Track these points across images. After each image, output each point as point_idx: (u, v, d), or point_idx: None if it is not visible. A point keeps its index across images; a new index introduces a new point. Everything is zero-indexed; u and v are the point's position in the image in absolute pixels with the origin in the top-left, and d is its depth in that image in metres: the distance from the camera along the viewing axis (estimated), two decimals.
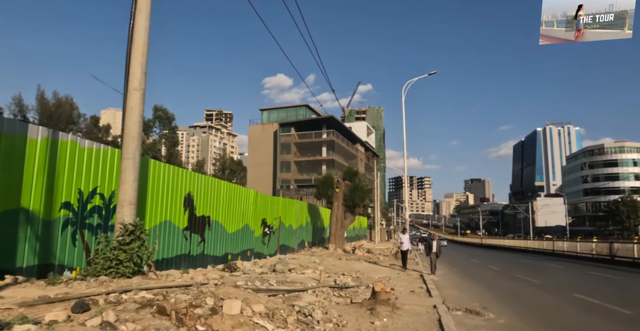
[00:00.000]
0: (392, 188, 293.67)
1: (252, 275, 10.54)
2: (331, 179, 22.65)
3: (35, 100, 58.02)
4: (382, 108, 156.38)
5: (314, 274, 12.13)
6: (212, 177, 12.66)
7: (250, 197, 15.41)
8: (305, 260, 15.97)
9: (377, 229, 46.86)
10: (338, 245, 22.27)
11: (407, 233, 17.34)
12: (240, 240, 14.53)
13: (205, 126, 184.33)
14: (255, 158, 65.77)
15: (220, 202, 13.12)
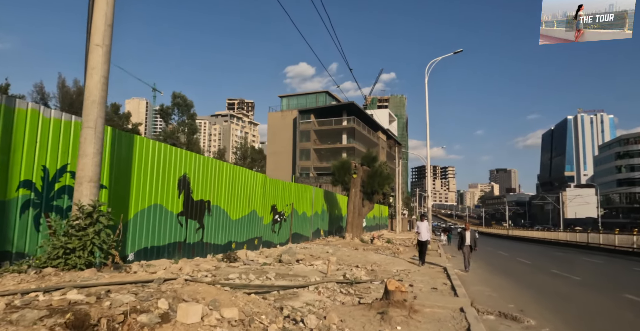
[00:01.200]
0: (415, 178, 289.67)
1: (252, 267, 9.37)
2: (348, 164, 21.25)
3: (56, 88, 58.50)
4: (405, 96, 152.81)
5: (324, 266, 10.89)
6: (212, 158, 11.50)
7: (257, 181, 14.23)
8: (317, 250, 14.76)
9: (399, 218, 45.31)
10: (355, 235, 20.98)
11: (425, 220, 14.57)
12: (247, 227, 13.40)
13: (227, 115, 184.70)
14: (274, 146, 64.84)
15: (223, 186, 11.97)
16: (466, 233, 13.22)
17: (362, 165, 21.41)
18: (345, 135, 59.70)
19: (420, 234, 13.92)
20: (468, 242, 13.09)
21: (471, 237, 13.17)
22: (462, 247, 13.29)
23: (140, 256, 8.69)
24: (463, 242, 13.23)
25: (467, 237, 13.12)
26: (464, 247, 13.16)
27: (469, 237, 13.13)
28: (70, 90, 60.03)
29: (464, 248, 13.16)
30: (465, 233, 13.27)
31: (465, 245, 13.11)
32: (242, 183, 13.09)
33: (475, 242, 13.44)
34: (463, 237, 13.24)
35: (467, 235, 13.16)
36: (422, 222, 14.27)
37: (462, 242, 13.26)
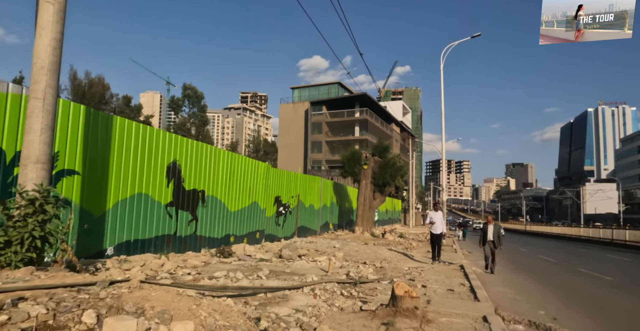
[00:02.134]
0: (430, 172, 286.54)
1: (246, 263, 8.44)
2: (359, 155, 20.16)
3: (67, 80, 58.44)
4: (419, 89, 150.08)
5: (327, 262, 9.92)
6: (207, 144, 10.57)
7: (259, 170, 13.29)
8: (323, 245, 13.80)
9: (412, 212, 44.12)
10: (365, 229, 19.96)
11: (440, 210, 12.78)
12: (247, 219, 12.49)
13: (240, 108, 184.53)
14: (285, 138, 63.93)
15: (220, 175, 11.05)
16: (489, 227, 11.59)
17: (373, 155, 20.30)
18: (357, 127, 58.45)
19: (434, 225, 12.28)
20: (490, 237, 11.45)
21: (494, 233, 11.45)
22: (484, 243, 11.61)
23: (122, 250, 7.82)
24: (485, 238, 11.57)
25: (490, 232, 11.51)
26: (487, 244, 11.51)
27: (491, 232, 11.50)
28: (82, 82, 60.01)
29: (487, 247, 11.54)
30: (487, 227, 11.62)
31: (488, 241, 11.47)
32: (241, 173, 12.16)
33: (500, 238, 11.52)
34: (485, 232, 11.62)
35: (489, 229, 11.53)
36: (437, 211, 12.54)
37: (484, 238, 11.60)
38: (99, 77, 60.70)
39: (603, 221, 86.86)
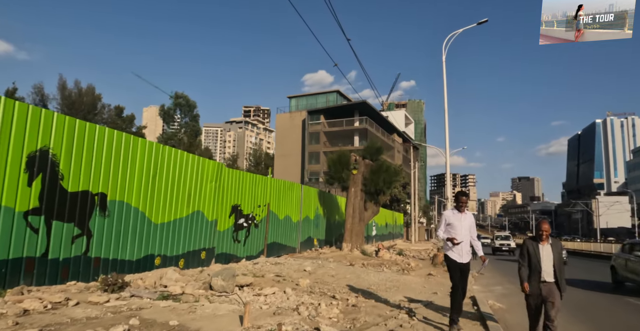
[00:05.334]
0: (434, 186, 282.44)
1: (128, 303, 5.29)
2: (347, 157, 17.07)
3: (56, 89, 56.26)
4: (423, 101, 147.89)
5: (286, 296, 6.76)
6: (110, 129, 7.55)
7: (206, 170, 10.23)
8: (291, 267, 10.62)
9: (415, 227, 40.71)
10: (355, 245, 16.73)
11: (466, 209, 5.91)
12: (184, 235, 9.37)
13: (242, 121, 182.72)
14: (282, 149, 61.10)
15: (136, 173, 8.00)
16: (541, 249, 5.01)
17: (364, 158, 17.21)
18: (357, 137, 55.56)
19: (454, 243, 5.60)
20: (548, 269, 4.93)
21: (555, 259, 4.96)
22: (532, 280, 4.99)
23: None
24: (534, 270, 4.99)
25: (545, 258, 4.96)
26: (539, 285, 4.94)
27: (548, 258, 4.96)
28: (71, 91, 57.84)
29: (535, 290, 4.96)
30: (539, 249, 5.01)
31: (543, 281, 4.93)
32: (175, 172, 9.10)
33: (562, 271, 4.99)
34: (534, 257, 5.01)
35: (543, 252, 4.98)
36: (461, 212, 5.83)
37: (532, 269, 5.01)
38: (89, 86, 58.54)
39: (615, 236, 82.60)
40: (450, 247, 5.74)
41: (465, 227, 5.75)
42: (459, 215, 5.80)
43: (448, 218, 5.85)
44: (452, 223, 5.77)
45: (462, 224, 5.74)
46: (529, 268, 5.06)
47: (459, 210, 5.85)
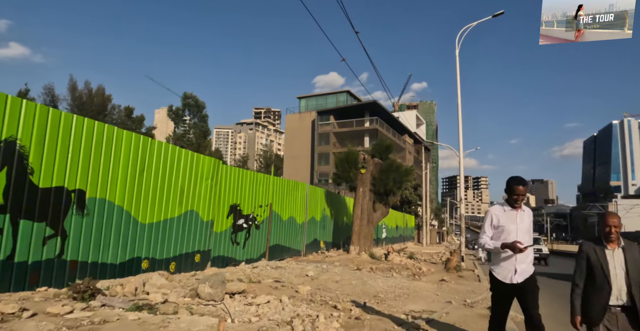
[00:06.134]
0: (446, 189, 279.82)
1: (91, 315, 4.57)
2: (355, 156, 16.25)
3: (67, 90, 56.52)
4: (434, 102, 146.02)
5: (271, 307, 6.00)
6: (90, 119, 6.88)
7: (202, 166, 9.53)
8: (293, 272, 9.85)
9: (426, 229, 39.67)
10: (363, 248, 15.90)
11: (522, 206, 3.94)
12: (175, 236, 8.66)
13: (252, 123, 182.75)
14: (291, 150, 60.49)
15: (120, 168, 7.32)
16: (609, 256, 3.34)
17: (373, 156, 16.37)
18: (367, 137, 54.62)
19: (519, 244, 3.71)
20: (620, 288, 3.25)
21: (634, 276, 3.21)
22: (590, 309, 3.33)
23: None
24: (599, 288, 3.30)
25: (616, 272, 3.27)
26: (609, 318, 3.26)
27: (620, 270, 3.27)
28: (81, 92, 58.05)
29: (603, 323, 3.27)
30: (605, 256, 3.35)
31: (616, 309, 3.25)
32: (166, 168, 8.41)
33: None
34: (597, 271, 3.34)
35: (610, 262, 3.31)
36: (516, 209, 3.93)
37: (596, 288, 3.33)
38: (99, 87, 58.71)
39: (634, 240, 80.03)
40: (499, 260, 3.85)
41: (524, 231, 3.86)
42: (512, 214, 3.88)
43: (496, 217, 3.93)
44: (504, 225, 3.85)
45: (519, 227, 3.83)
46: (590, 287, 3.28)
47: (512, 206, 3.89)
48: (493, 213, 3.98)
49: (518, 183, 3.88)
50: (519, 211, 3.93)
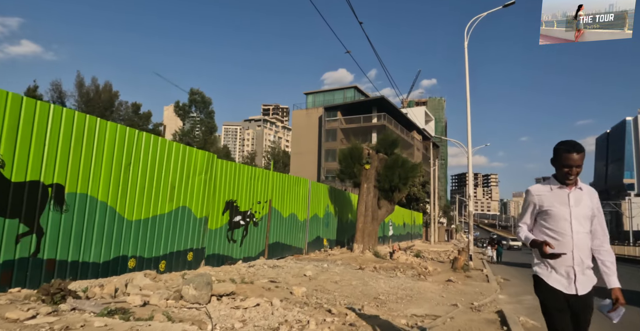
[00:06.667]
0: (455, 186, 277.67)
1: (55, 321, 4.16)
2: (359, 151, 15.74)
3: (74, 87, 56.67)
4: (444, 99, 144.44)
5: (260, 311, 5.55)
6: (68, 109, 6.47)
7: (195, 160, 9.10)
8: (290, 271, 9.40)
9: (434, 227, 39.02)
10: (367, 246, 15.40)
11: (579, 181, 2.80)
12: (165, 233, 8.25)
13: (260, 120, 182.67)
14: (298, 147, 60.00)
15: (104, 162, 6.90)
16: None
17: (378, 152, 15.84)
18: (375, 133, 53.86)
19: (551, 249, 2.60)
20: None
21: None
22: None
23: None
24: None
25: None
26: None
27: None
28: (88, 88, 58.19)
29: None
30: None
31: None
32: (156, 162, 7.98)
33: None
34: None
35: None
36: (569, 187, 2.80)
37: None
38: (107, 83, 58.82)
39: None
40: (543, 260, 2.77)
41: (581, 218, 2.73)
42: (562, 194, 2.77)
43: (538, 199, 2.84)
44: (550, 209, 2.76)
45: (574, 211, 2.72)
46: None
47: (563, 181, 2.77)
48: (533, 194, 2.89)
49: (571, 149, 2.67)
50: (572, 189, 2.77)
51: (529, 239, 2.79)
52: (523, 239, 2.89)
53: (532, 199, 2.91)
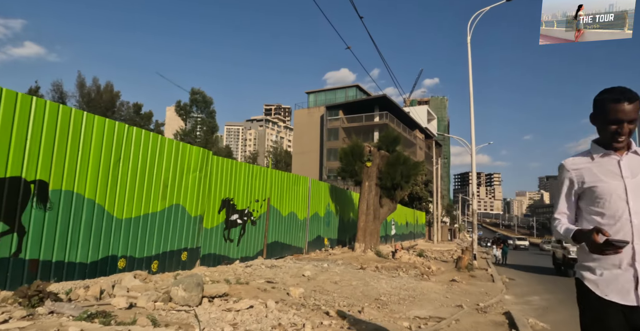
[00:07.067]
0: (458, 185, 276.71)
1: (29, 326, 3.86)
2: (360, 148, 15.40)
3: (75, 87, 56.53)
4: (446, 98, 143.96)
5: (253, 314, 5.22)
6: (51, 102, 6.19)
7: (190, 157, 8.79)
8: (289, 271, 9.08)
9: (437, 226, 38.61)
10: (369, 246, 15.06)
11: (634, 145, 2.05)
12: (158, 232, 7.93)
13: (262, 119, 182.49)
14: (300, 146, 59.72)
15: (90, 157, 6.60)
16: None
17: (379, 149, 15.49)
18: (377, 132, 53.47)
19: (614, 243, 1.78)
20: None
21: None
22: None
23: None
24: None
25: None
26: None
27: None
28: (90, 89, 58.05)
29: None
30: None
31: None
32: (147, 158, 7.67)
33: None
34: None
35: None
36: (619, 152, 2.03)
37: None
38: (107, 83, 58.68)
39: None
40: (593, 258, 1.99)
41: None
42: (611, 162, 2.04)
43: (578, 174, 2.11)
44: (596, 185, 2.03)
45: (630, 184, 1.95)
46: None
47: (610, 145, 2.04)
48: (569, 169, 2.14)
49: (620, 98, 1.94)
50: (624, 155, 2.02)
51: (570, 231, 2.00)
52: (562, 234, 2.08)
53: (567, 176, 2.12)
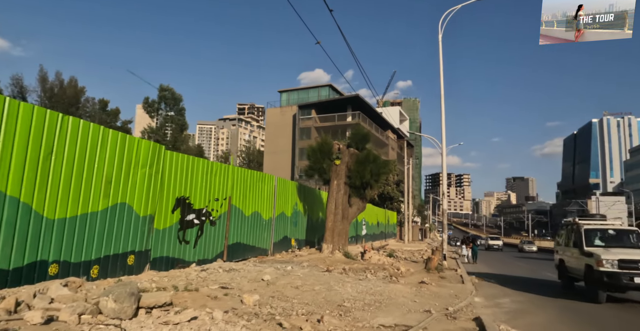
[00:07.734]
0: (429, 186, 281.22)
1: None
2: (329, 146, 14.86)
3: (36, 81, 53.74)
4: (418, 100, 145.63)
5: (194, 327, 4.57)
6: None
7: (138, 151, 8.00)
8: (247, 275, 8.42)
9: (408, 226, 38.60)
10: (337, 246, 14.54)
11: None
12: (99, 234, 7.13)
13: (235, 119, 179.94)
14: (273, 145, 58.85)
15: (14, 150, 5.77)
16: None
17: (349, 147, 15.01)
18: (349, 132, 53.35)
19: None
20: None
21: None
22: None
23: None
24: None
25: None
26: None
27: None
28: (52, 83, 55.40)
29: None
30: None
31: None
32: (86, 152, 6.86)
33: None
34: None
35: None
36: None
37: None
38: (71, 79, 56.11)
39: None
40: None
41: None
42: None
43: None
44: None
45: None
46: None
47: None
48: None
49: None
50: None
51: None
52: None
53: None
